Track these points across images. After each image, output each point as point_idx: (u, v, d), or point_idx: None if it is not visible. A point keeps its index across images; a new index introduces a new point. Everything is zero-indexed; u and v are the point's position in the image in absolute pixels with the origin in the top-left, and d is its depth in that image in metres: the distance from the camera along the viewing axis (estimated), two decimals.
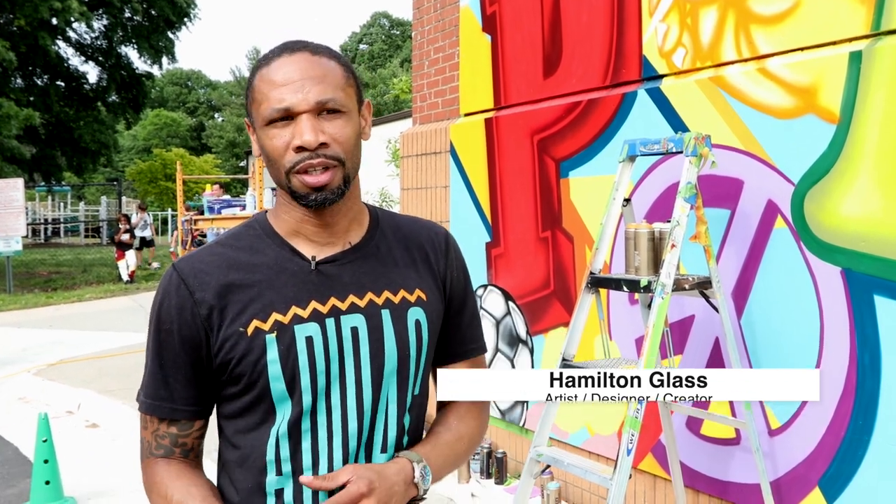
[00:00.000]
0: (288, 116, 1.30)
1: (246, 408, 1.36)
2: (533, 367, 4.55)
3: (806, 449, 3.09)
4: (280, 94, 1.30)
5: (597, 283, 3.09)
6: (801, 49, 3.11)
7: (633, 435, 2.66)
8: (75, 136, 25.74)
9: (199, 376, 1.37)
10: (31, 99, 24.02)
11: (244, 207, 8.34)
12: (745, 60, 3.32)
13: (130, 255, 18.11)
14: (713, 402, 3.45)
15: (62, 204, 39.99)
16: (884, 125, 2.80)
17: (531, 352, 4.56)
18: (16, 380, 8.31)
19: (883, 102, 2.81)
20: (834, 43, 3.00)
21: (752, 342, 3.28)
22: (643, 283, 2.86)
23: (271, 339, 1.32)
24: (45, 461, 4.68)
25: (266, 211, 1.48)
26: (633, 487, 3.92)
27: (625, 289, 2.96)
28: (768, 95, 3.19)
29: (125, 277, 17.84)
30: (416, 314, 1.44)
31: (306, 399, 1.34)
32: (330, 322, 1.36)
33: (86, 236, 35.41)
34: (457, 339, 1.56)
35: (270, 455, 1.34)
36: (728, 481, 3.40)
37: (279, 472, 1.35)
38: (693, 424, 3.56)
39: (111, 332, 11.21)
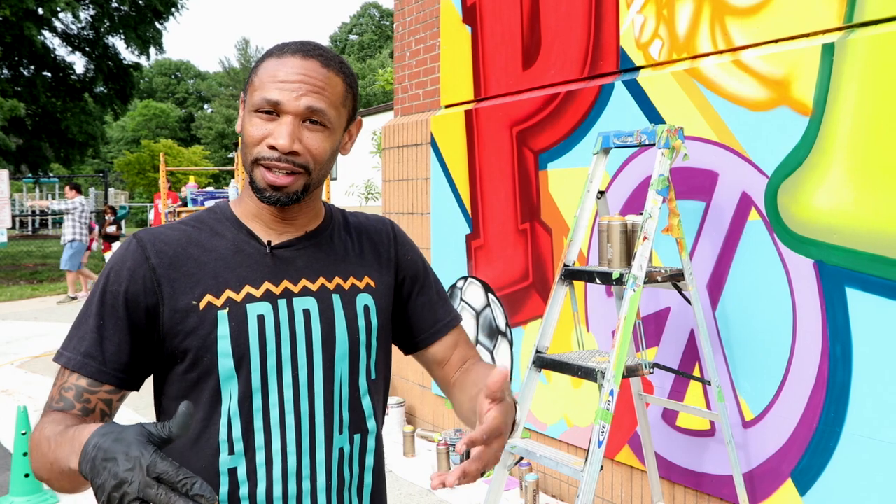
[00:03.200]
0: (274, 112, 1.34)
1: (192, 386, 1.36)
2: (512, 358, 4.55)
3: (779, 441, 3.10)
4: (275, 89, 1.33)
5: (570, 275, 3.09)
6: (775, 41, 3.11)
7: (604, 427, 2.67)
8: (62, 127, 25.58)
9: (136, 344, 1.34)
10: (18, 90, 23.85)
11: (227, 199, 8.30)
12: (721, 52, 3.32)
13: (117, 246, 18.01)
14: (688, 393, 3.46)
15: (50, 195, 39.78)
16: (856, 118, 2.81)
17: (510, 343, 4.56)
18: None
19: (855, 95, 2.81)
20: (807, 35, 3.00)
21: (727, 334, 3.28)
22: (615, 275, 2.86)
23: (223, 314, 1.34)
24: (25, 454, 4.66)
25: (227, 201, 1.52)
26: (609, 479, 3.94)
27: (598, 281, 2.96)
28: (743, 87, 3.19)
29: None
30: (364, 300, 1.47)
31: (255, 377, 1.35)
32: (282, 303, 1.39)
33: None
34: (433, 317, 1.60)
35: (223, 434, 1.34)
36: (702, 473, 3.42)
37: (231, 452, 1.35)
38: (669, 416, 3.57)
39: None
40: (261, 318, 1.36)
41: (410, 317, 1.59)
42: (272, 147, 1.33)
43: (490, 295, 4.70)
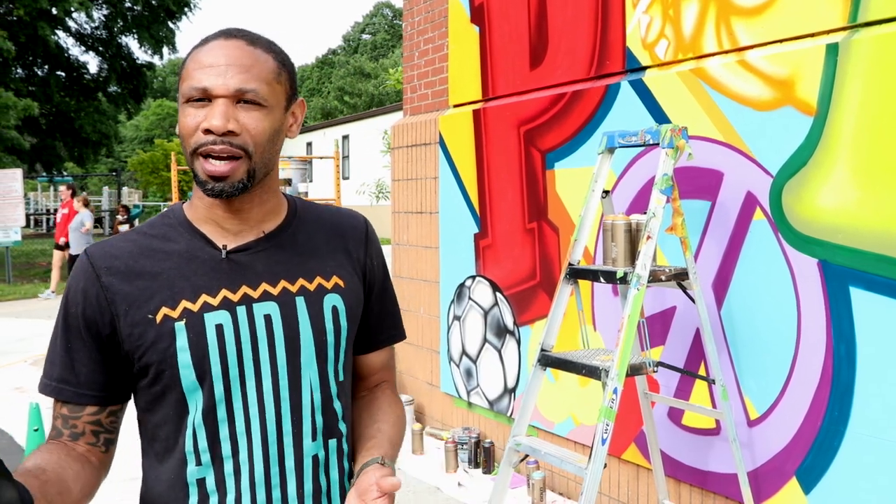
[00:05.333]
0: (206, 98, 1.29)
1: (157, 398, 1.35)
2: (520, 357, 4.57)
3: (783, 439, 3.11)
4: (202, 75, 1.29)
5: (575, 274, 3.10)
6: (780, 41, 3.12)
7: (608, 425, 2.69)
8: (76, 126, 25.74)
9: (106, 361, 1.35)
10: (32, 89, 24.02)
11: None
12: (726, 52, 3.33)
13: None
14: (693, 392, 3.47)
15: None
16: (860, 117, 2.81)
17: (518, 342, 4.58)
18: (12, 370, 8.36)
19: (859, 95, 2.82)
20: (811, 35, 3.01)
21: (732, 333, 3.30)
22: (619, 274, 2.88)
23: (180, 326, 1.31)
24: None
25: (181, 203, 1.47)
26: (616, 477, 3.95)
27: (602, 280, 2.98)
28: (748, 87, 3.20)
29: None
30: (332, 300, 1.43)
31: (218, 388, 1.33)
32: (241, 310, 1.35)
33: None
34: (377, 328, 1.57)
35: (189, 445, 1.33)
36: (708, 471, 3.43)
37: (199, 462, 1.34)
38: (674, 415, 3.59)
39: None
40: (219, 328, 1.33)
41: (360, 322, 1.53)
42: (207, 131, 1.28)
43: (498, 294, 4.72)
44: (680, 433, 3.56)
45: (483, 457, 4.73)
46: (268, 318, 1.36)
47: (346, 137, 28.94)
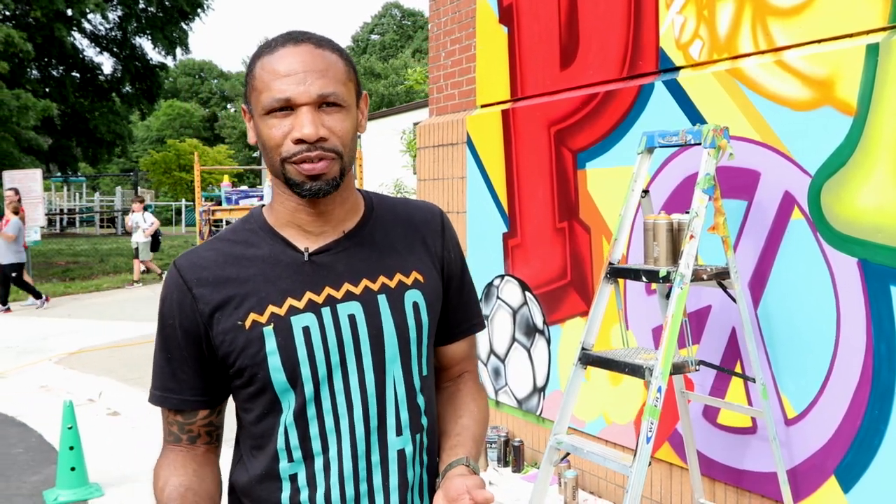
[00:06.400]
0: (288, 107, 1.31)
1: (252, 398, 1.40)
2: (550, 356, 4.59)
3: (822, 438, 3.12)
4: (282, 85, 1.30)
5: (616, 273, 3.13)
6: (818, 41, 3.13)
7: (652, 423, 2.71)
8: (90, 126, 25.89)
9: (205, 368, 1.41)
10: (47, 90, 24.18)
11: (262, 198, 8.39)
12: (762, 52, 3.34)
13: None
14: (729, 390, 3.49)
15: (78, 194, 40.26)
16: None
17: (548, 342, 4.60)
18: (37, 368, 8.43)
19: None
20: (851, 35, 3.02)
21: (769, 332, 3.31)
22: (662, 273, 2.90)
23: (269, 331, 1.35)
24: (71, 448, 4.76)
25: (263, 205, 1.49)
26: (649, 476, 3.97)
27: (644, 279, 3.00)
28: (785, 87, 3.21)
29: (141, 268, 17.96)
30: (413, 296, 1.45)
31: (308, 388, 1.37)
32: (326, 311, 1.38)
33: (101, 226, 35.65)
34: (455, 319, 1.59)
35: (281, 443, 1.38)
36: (744, 470, 3.44)
37: (290, 459, 1.39)
38: (710, 413, 3.60)
39: (130, 322, 11.33)
40: (306, 330, 1.36)
41: (440, 314, 1.55)
42: (299, 140, 1.30)
43: (527, 293, 4.75)
44: (715, 432, 3.58)
45: (512, 455, 4.75)
46: (352, 318, 1.39)
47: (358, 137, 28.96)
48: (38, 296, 12.93)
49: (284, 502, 1.39)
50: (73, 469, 4.77)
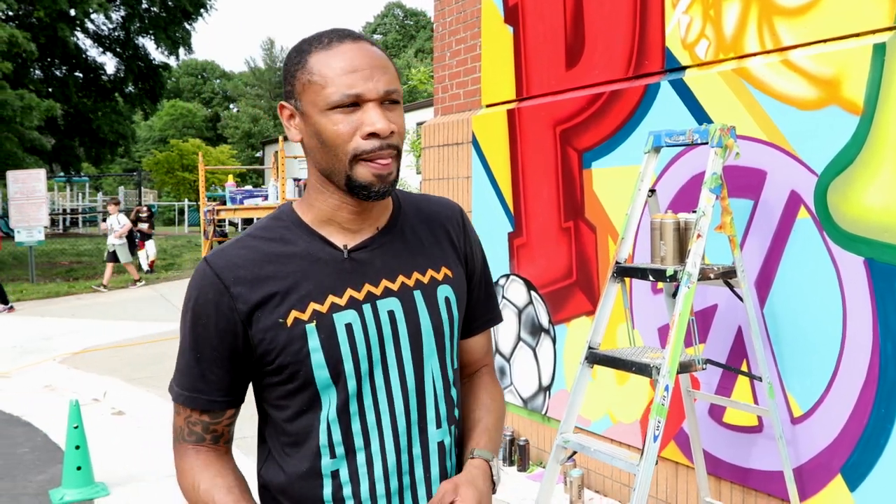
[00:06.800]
0: (355, 103, 1.31)
1: (290, 395, 1.39)
2: (555, 356, 4.60)
3: (828, 437, 3.13)
4: (350, 80, 1.30)
5: (622, 272, 3.13)
6: (825, 41, 3.14)
7: (659, 422, 2.71)
8: (94, 126, 25.94)
9: (236, 368, 1.40)
10: (51, 90, 24.22)
11: (266, 198, 8.40)
12: (769, 52, 3.35)
13: (150, 245, 18.27)
14: (735, 389, 3.49)
15: (80, 194, 40.30)
16: None
17: (553, 341, 4.61)
18: (41, 368, 8.44)
19: None
20: (857, 35, 3.02)
21: (775, 331, 3.32)
22: (669, 272, 2.90)
23: (311, 328, 1.35)
24: (77, 447, 4.77)
25: (290, 202, 1.49)
26: (655, 475, 3.97)
27: (651, 278, 3.01)
28: (792, 87, 3.22)
29: (145, 267, 18.00)
30: (444, 291, 1.48)
31: (350, 384, 1.37)
32: (367, 308, 1.39)
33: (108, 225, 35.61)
34: (476, 313, 1.61)
35: (323, 439, 1.38)
36: (750, 468, 3.45)
37: (333, 455, 1.38)
38: (716, 412, 3.61)
39: (133, 322, 11.34)
40: (349, 327, 1.37)
41: None
42: (371, 135, 1.31)
43: (532, 292, 4.75)
44: (721, 431, 3.58)
45: (518, 455, 4.76)
46: (391, 314, 1.41)
47: None
48: (5, 301, 12.76)
49: (327, 499, 1.39)
50: (78, 468, 4.77)
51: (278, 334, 1.35)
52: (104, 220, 18.03)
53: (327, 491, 1.39)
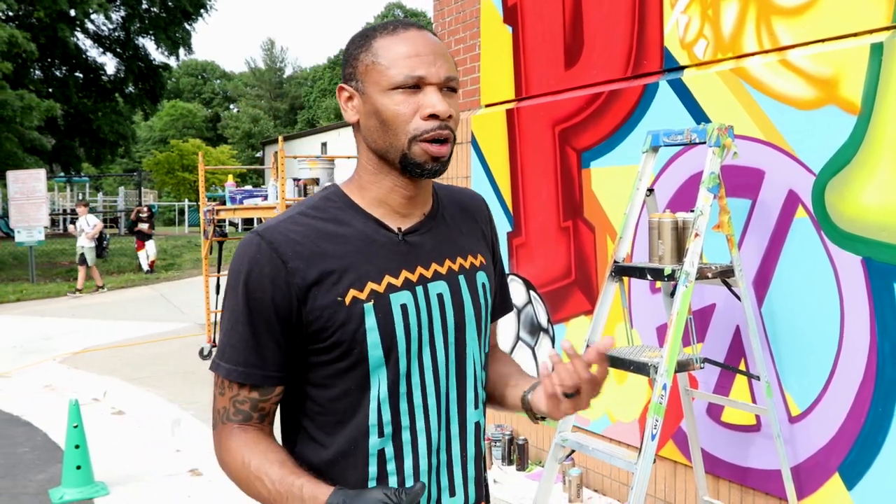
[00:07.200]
0: (416, 85, 1.36)
1: (339, 374, 1.40)
2: None
3: (826, 436, 3.14)
4: (414, 63, 1.36)
5: (621, 271, 3.14)
6: (822, 41, 3.14)
7: (657, 420, 2.72)
8: (94, 126, 25.95)
9: (289, 343, 1.39)
10: (51, 90, 24.23)
11: (266, 198, 8.40)
12: (767, 52, 3.36)
13: (150, 245, 18.29)
14: (733, 388, 3.50)
15: (81, 194, 40.31)
16: None
17: (552, 340, 4.62)
18: (41, 368, 8.46)
19: None
20: (855, 35, 3.03)
21: (773, 330, 3.32)
22: (667, 271, 2.91)
23: (369, 307, 1.37)
24: (77, 446, 4.78)
25: (334, 185, 1.51)
26: (654, 474, 3.98)
27: (649, 277, 3.02)
28: (790, 86, 3.23)
29: (145, 267, 18.03)
30: (482, 278, 1.54)
31: (402, 364, 1.40)
32: (419, 290, 1.43)
33: (104, 226, 35.65)
34: (495, 301, 1.66)
35: (373, 419, 1.40)
36: (748, 467, 3.46)
37: (381, 434, 1.40)
38: (714, 411, 3.62)
39: (133, 322, 11.36)
40: (404, 308, 1.40)
41: None
42: (431, 116, 1.35)
43: (532, 292, 4.76)
44: (719, 430, 3.59)
45: (517, 454, 4.77)
46: (440, 297, 1.45)
47: None
48: None
49: (372, 476, 1.41)
50: (78, 468, 4.79)
51: (336, 312, 1.36)
52: (72, 222, 17.66)
53: (373, 469, 1.41)
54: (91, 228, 14.84)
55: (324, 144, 32.82)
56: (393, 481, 1.41)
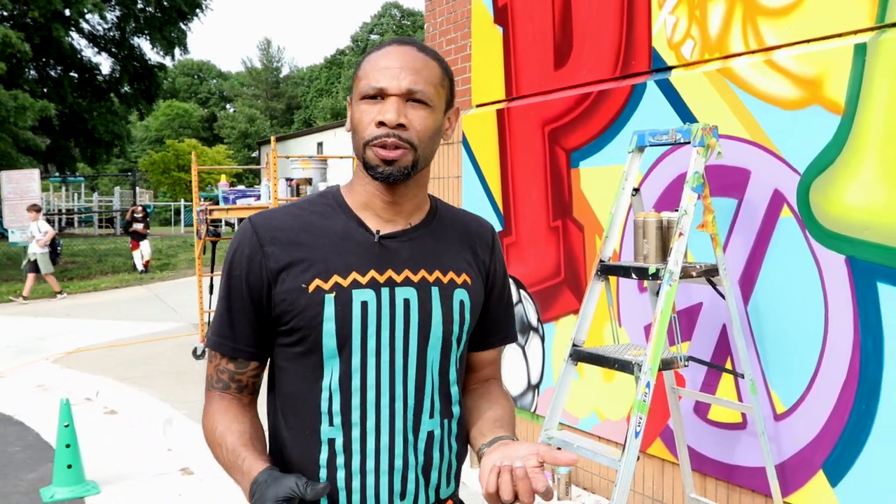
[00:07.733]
0: (379, 96, 1.44)
1: (296, 358, 1.49)
2: (544, 353, 4.63)
3: (810, 433, 3.16)
4: (378, 76, 1.44)
5: (606, 270, 3.16)
6: (807, 41, 3.17)
7: (640, 418, 2.74)
8: (89, 126, 25.90)
9: (260, 322, 1.50)
10: (45, 90, 24.18)
11: (259, 198, 8.42)
12: (753, 52, 3.38)
13: (145, 245, 18.28)
14: (720, 386, 3.52)
15: (76, 194, 40.26)
16: (888, 116, 2.86)
17: (542, 339, 4.64)
18: (34, 368, 8.46)
19: (887, 94, 2.86)
20: (839, 35, 3.06)
21: (759, 328, 3.35)
22: (651, 270, 2.93)
23: (330, 298, 1.44)
24: (67, 446, 4.79)
25: (338, 186, 1.60)
26: (641, 471, 4.00)
27: (633, 276, 3.04)
28: (775, 87, 3.25)
29: (140, 267, 18.02)
30: (460, 295, 1.56)
31: (355, 359, 1.46)
32: (385, 291, 1.48)
33: (99, 227, 35.66)
34: (491, 329, 1.70)
35: (324, 406, 1.47)
36: (734, 465, 3.48)
37: (331, 423, 1.47)
38: (700, 409, 3.64)
39: (127, 322, 11.36)
40: (364, 304, 1.46)
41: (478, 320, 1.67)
42: (381, 123, 1.42)
43: (522, 291, 4.78)
44: (706, 427, 3.61)
45: None
46: (406, 302, 1.50)
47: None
48: None
49: (322, 463, 1.47)
50: (69, 467, 4.79)
51: (299, 298, 1.45)
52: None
53: (323, 456, 1.48)
54: (42, 235, 14.19)
55: (320, 144, 32.82)
56: (341, 475, 1.47)
